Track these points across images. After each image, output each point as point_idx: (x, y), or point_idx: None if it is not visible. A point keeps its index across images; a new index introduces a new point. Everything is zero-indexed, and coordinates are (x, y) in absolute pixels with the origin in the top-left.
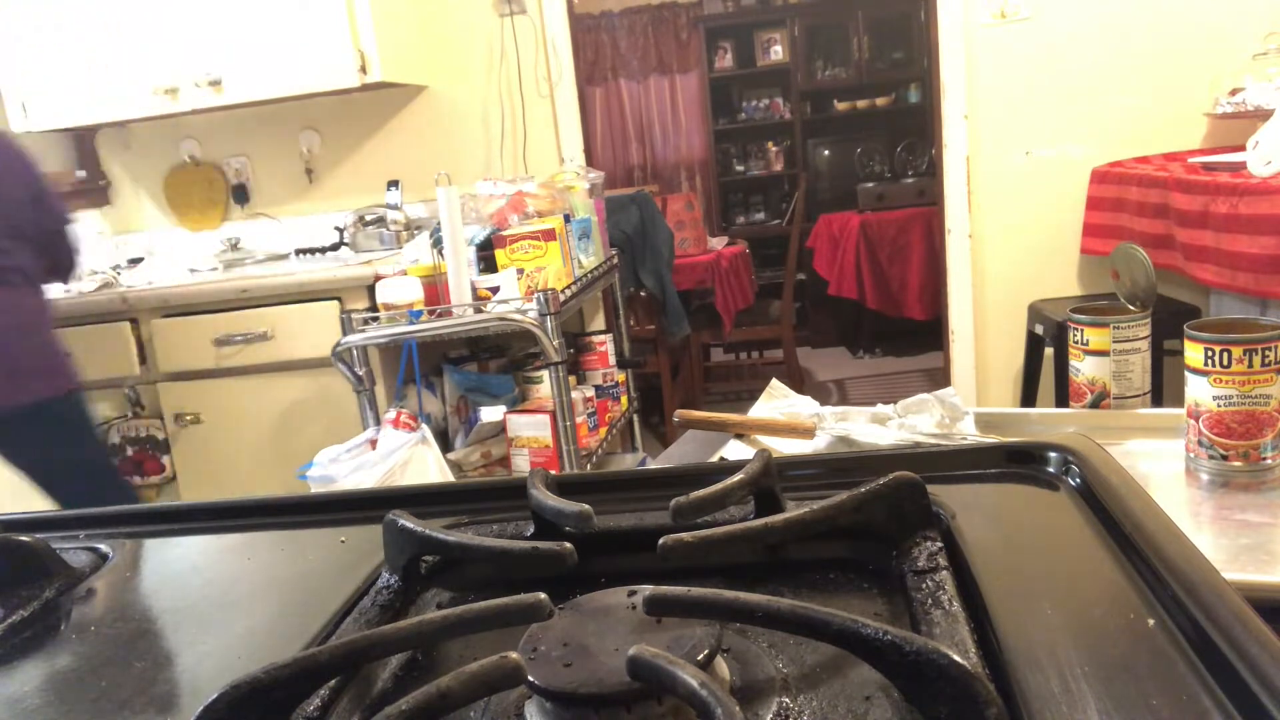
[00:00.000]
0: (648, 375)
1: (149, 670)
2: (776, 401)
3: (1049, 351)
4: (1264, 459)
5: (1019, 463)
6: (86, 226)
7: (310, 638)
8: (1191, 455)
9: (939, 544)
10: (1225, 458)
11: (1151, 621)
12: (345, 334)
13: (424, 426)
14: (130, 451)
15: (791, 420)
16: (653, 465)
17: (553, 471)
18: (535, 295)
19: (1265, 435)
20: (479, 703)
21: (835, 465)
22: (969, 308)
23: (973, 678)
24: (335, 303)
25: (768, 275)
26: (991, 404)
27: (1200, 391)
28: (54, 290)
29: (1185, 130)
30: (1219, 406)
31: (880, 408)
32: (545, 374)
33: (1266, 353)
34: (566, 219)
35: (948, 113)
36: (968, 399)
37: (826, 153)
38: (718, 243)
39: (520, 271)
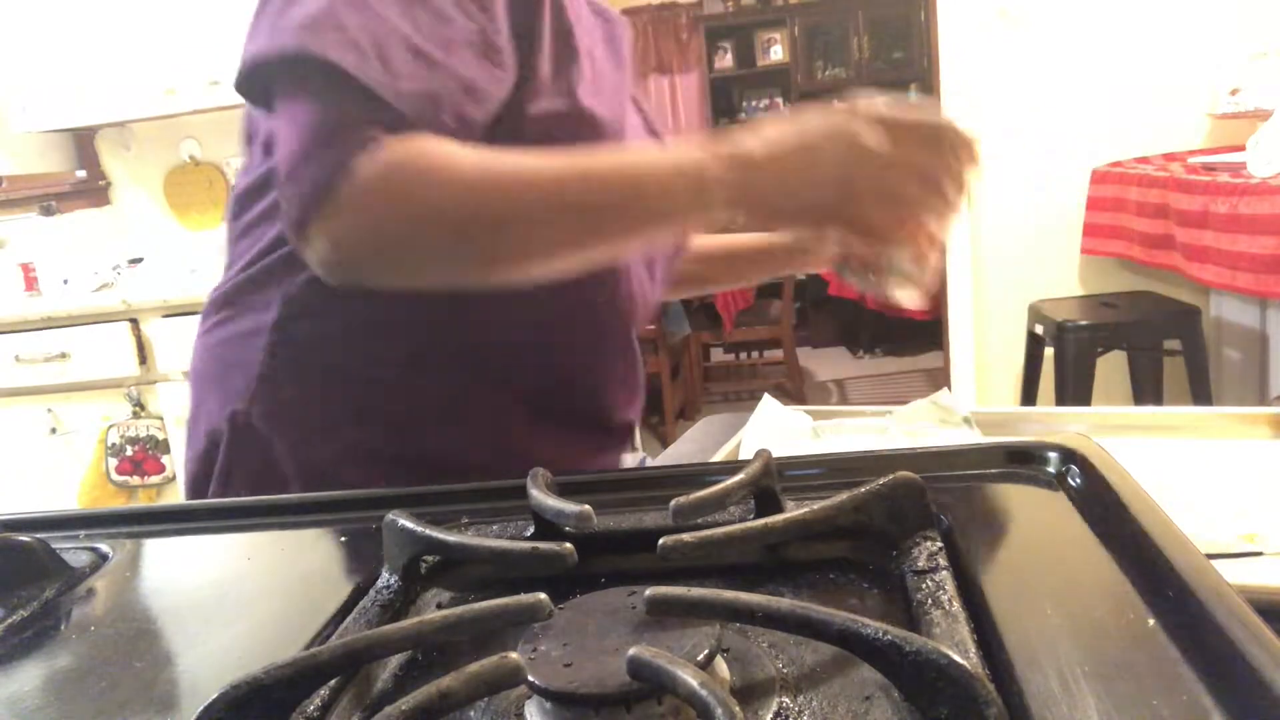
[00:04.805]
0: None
1: (149, 670)
2: (770, 416)
3: (1049, 351)
4: None
5: (1019, 463)
6: (86, 227)
7: (310, 638)
8: None
9: (939, 544)
10: None
11: (1151, 621)
12: None
13: None
14: (130, 451)
15: None
16: (653, 465)
17: None
18: None
19: None
20: (479, 703)
21: (835, 465)
22: (969, 308)
23: (973, 678)
24: None
25: None
26: (991, 404)
27: None
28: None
29: (1185, 130)
30: None
31: (874, 421)
32: None
33: None
34: None
35: (947, 112)
36: (968, 399)
37: None
38: None
39: None
